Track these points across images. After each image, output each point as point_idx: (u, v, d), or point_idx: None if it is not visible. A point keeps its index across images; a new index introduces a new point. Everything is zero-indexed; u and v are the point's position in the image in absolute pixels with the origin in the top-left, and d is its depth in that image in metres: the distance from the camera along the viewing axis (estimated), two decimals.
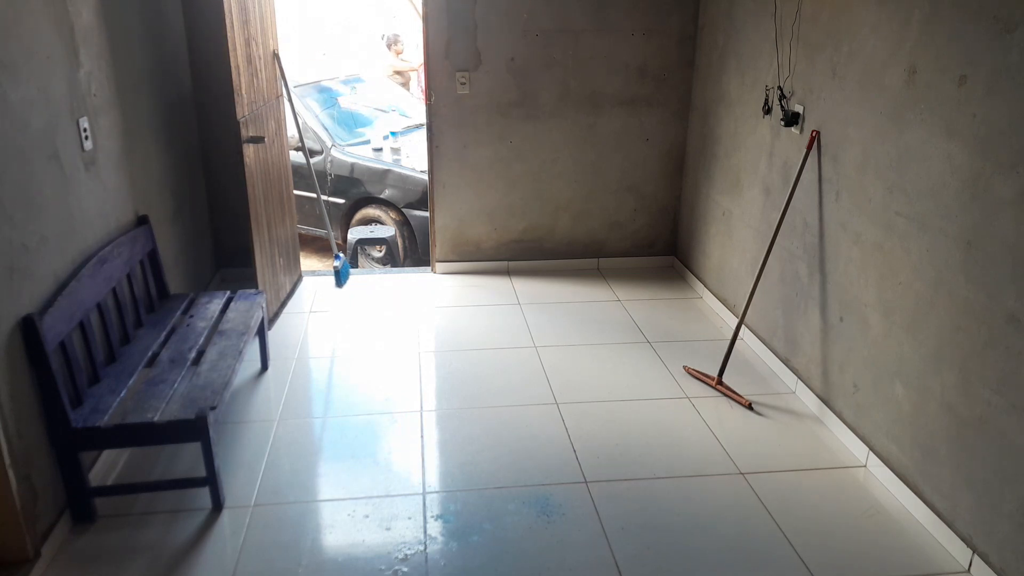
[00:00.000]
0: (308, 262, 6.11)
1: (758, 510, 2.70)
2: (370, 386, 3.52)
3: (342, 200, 5.83)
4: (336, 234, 5.83)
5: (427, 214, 4.95)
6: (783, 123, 3.43)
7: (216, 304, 3.39)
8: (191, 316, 3.28)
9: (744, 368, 3.71)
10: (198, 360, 2.96)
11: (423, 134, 4.98)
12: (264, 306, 3.55)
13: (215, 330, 3.20)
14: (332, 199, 5.83)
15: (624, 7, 4.43)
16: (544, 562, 2.45)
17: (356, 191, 5.77)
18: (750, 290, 3.58)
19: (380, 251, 5.60)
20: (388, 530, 2.59)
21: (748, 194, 3.93)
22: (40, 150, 2.45)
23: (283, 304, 4.35)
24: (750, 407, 3.36)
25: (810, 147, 3.24)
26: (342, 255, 4.81)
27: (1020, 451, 2.21)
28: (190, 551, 2.48)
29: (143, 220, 3.29)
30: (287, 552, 2.48)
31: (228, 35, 3.48)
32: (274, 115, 4.24)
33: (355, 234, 5.56)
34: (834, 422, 3.16)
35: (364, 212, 5.81)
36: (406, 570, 2.41)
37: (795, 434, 3.18)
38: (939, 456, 2.55)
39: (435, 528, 2.60)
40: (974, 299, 2.36)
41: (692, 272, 4.74)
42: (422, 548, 2.50)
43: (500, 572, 2.41)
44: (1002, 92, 2.23)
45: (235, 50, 3.57)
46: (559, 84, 4.56)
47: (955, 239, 2.43)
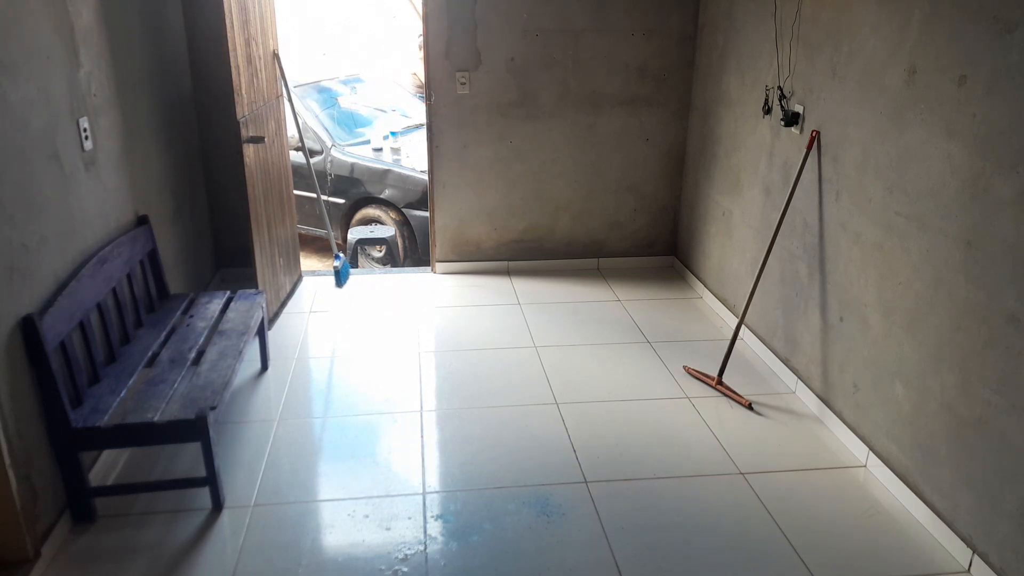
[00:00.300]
0: (308, 262, 6.11)
1: (758, 510, 2.70)
2: (370, 386, 3.52)
3: (342, 200, 5.83)
4: (336, 234, 5.83)
5: (427, 214, 4.95)
6: (783, 123, 3.44)
7: (216, 304, 3.39)
8: (191, 316, 3.28)
9: (744, 368, 3.71)
10: (198, 360, 2.96)
11: (423, 134, 4.98)
12: (264, 306, 3.55)
13: (215, 330, 3.20)
14: (332, 199, 5.84)
15: (624, 7, 4.43)
16: (544, 562, 2.45)
17: (356, 191, 5.77)
18: (750, 290, 3.58)
19: (380, 251, 5.60)
20: (388, 530, 2.59)
21: (748, 194, 3.93)
22: (40, 150, 2.45)
23: (283, 304, 4.35)
24: (750, 407, 3.36)
25: (810, 147, 3.24)
26: (342, 255, 4.81)
27: (1020, 451, 2.21)
28: (190, 551, 2.48)
29: (143, 220, 3.30)
30: (287, 552, 2.48)
31: (228, 35, 3.48)
32: (274, 115, 4.24)
33: (355, 234, 5.56)
34: (834, 422, 3.16)
35: (364, 212, 5.82)
36: (406, 570, 2.41)
37: (795, 434, 3.18)
38: (939, 456, 2.55)
39: (435, 528, 2.60)
40: (974, 299, 2.36)
41: (692, 272, 4.74)
42: (422, 548, 2.51)
43: (500, 572, 2.41)
44: (1002, 92, 2.23)
45: (235, 50, 3.57)
46: (559, 84, 4.56)
47: (955, 239, 2.44)
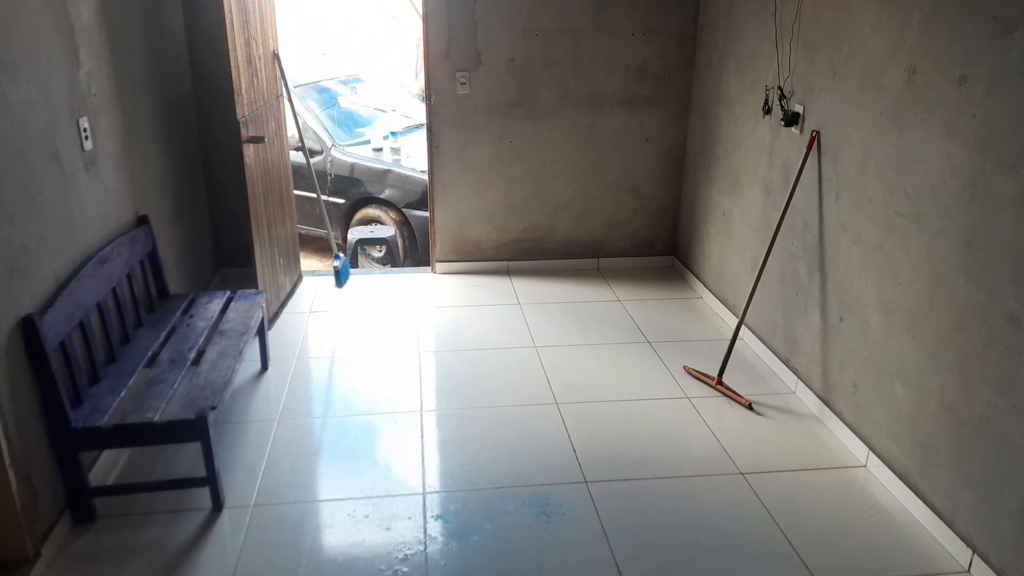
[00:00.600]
0: (308, 262, 6.11)
1: (758, 510, 2.70)
2: (370, 386, 3.52)
3: (342, 200, 5.83)
4: (336, 234, 5.83)
5: (427, 214, 4.95)
6: (783, 123, 3.44)
7: (216, 304, 3.39)
8: (191, 316, 3.28)
9: (744, 368, 3.71)
10: (198, 360, 2.96)
11: (423, 134, 4.98)
12: (264, 306, 3.55)
13: (215, 330, 3.20)
14: (332, 199, 5.84)
15: (624, 7, 4.43)
16: (544, 562, 2.45)
17: (356, 191, 5.77)
18: (750, 290, 3.58)
19: (380, 251, 5.60)
20: (388, 530, 2.59)
21: (748, 194, 3.93)
22: (40, 150, 2.45)
23: (283, 304, 4.35)
24: (750, 407, 3.36)
25: (810, 147, 3.24)
26: (342, 255, 4.82)
27: (1020, 451, 2.21)
28: (190, 551, 2.48)
29: (143, 220, 3.30)
30: (287, 552, 2.48)
31: (228, 35, 3.48)
32: (274, 115, 4.24)
33: (355, 234, 5.56)
34: (834, 422, 3.16)
35: (364, 212, 5.82)
36: (406, 570, 2.41)
37: (795, 434, 3.18)
38: (939, 456, 2.55)
39: (435, 528, 2.60)
40: (974, 299, 2.36)
41: (692, 272, 4.74)
42: (422, 548, 2.51)
43: (500, 572, 2.41)
44: (1002, 92, 2.23)
45: (235, 50, 3.57)
46: (559, 84, 4.56)
47: (955, 239, 2.44)
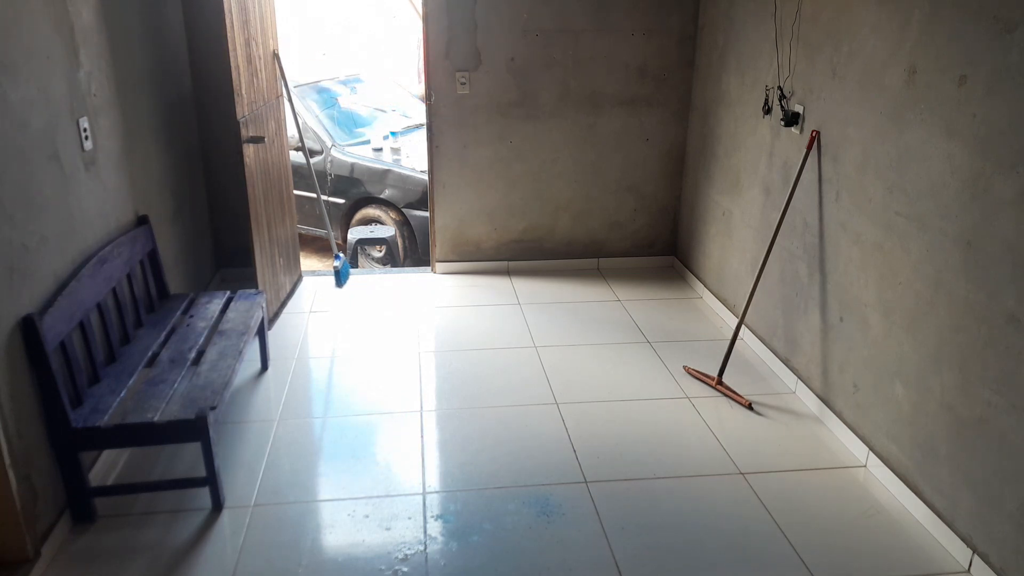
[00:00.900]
0: (308, 262, 6.11)
1: (758, 510, 2.70)
2: (370, 386, 3.52)
3: (342, 200, 5.83)
4: (336, 234, 5.83)
5: (427, 214, 4.95)
6: (783, 123, 3.44)
7: (216, 304, 3.39)
8: (191, 316, 3.28)
9: (744, 368, 3.71)
10: (198, 360, 2.96)
11: (423, 134, 4.98)
12: (264, 306, 3.55)
13: (215, 330, 3.20)
14: (332, 199, 5.84)
15: (624, 7, 4.43)
16: (544, 562, 2.45)
17: (356, 191, 5.77)
18: (750, 290, 3.58)
19: (380, 251, 5.60)
20: (388, 530, 2.59)
21: (748, 194, 3.93)
22: (40, 150, 2.45)
23: (283, 304, 4.35)
24: (750, 407, 3.36)
25: (810, 147, 3.24)
26: (342, 255, 4.82)
27: (1020, 451, 2.21)
28: (190, 551, 2.48)
29: (143, 220, 3.30)
30: (287, 552, 2.48)
31: (228, 35, 3.48)
32: (274, 115, 4.24)
33: (355, 234, 5.56)
34: (834, 422, 3.16)
35: (364, 212, 5.82)
36: (406, 570, 2.41)
37: (795, 434, 3.18)
38: (939, 456, 2.55)
39: (435, 528, 2.60)
40: (974, 299, 2.36)
41: (692, 272, 4.74)
42: (422, 548, 2.51)
43: (500, 572, 2.41)
44: (1002, 92, 2.23)
45: (235, 50, 3.57)
46: (559, 84, 4.56)
47: (955, 239, 2.44)
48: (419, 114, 6.55)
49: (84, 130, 2.76)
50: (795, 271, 3.46)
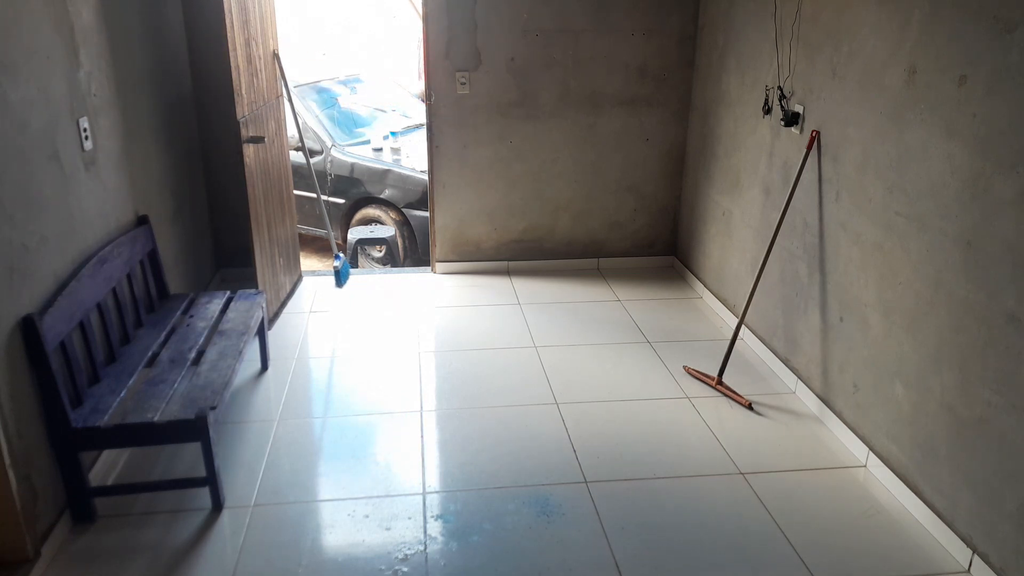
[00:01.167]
0: (308, 262, 6.11)
1: (758, 510, 2.70)
2: (370, 386, 3.52)
3: (342, 200, 5.83)
4: (336, 234, 5.83)
5: (427, 214, 4.95)
6: (783, 123, 3.44)
7: (216, 304, 3.39)
8: (191, 316, 3.28)
9: (744, 368, 3.71)
10: (198, 360, 2.96)
11: (423, 134, 4.98)
12: (264, 306, 3.55)
13: (215, 330, 3.20)
14: (332, 199, 5.84)
15: (624, 7, 4.43)
16: (544, 562, 2.45)
17: (356, 191, 5.77)
18: (750, 290, 3.58)
19: (380, 251, 5.60)
20: (388, 530, 2.59)
21: (748, 194, 3.93)
22: (40, 150, 2.45)
23: (283, 304, 4.35)
24: (750, 407, 3.36)
25: (810, 147, 3.24)
26: (342, 255, 4.82)
27: (1020, 451, 2.21)
28: (190, 551, 2.48)
29: (143, 220, 3.30)
30: (287, 552, 2.48)
31: (228, 35, 3.48)
32: (274, 115, 4.24)
33: (355, 234, 5.56)
34: (834, 422, 3.16)
35: (364, 212, 5.82)
36: (406, 570, 2.41)
37: (795, 434, 3.18)
38: (939, 456, 2.55)
39: (435, 528, 2.60)
40: (974, 299, 2.36)
41: (692, 272, 4.74)
42: (422, 548, 2.51)
43: (500, 572, 2.41)
44: (1002, 92, 2.23)
45: (235, 50, 3.57)
46: (559, 84, 4.56)
47: (955, 239, 2.44)
48: (419, 114, 6.55)
49: (84, 130, 2.76)
50: (795, 271, 3.46)
